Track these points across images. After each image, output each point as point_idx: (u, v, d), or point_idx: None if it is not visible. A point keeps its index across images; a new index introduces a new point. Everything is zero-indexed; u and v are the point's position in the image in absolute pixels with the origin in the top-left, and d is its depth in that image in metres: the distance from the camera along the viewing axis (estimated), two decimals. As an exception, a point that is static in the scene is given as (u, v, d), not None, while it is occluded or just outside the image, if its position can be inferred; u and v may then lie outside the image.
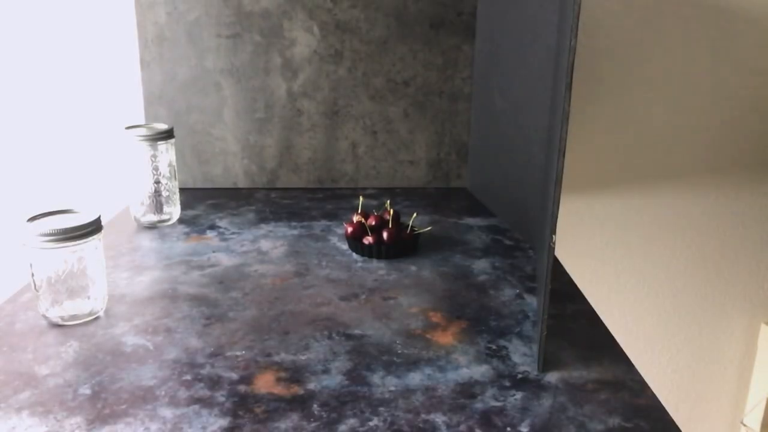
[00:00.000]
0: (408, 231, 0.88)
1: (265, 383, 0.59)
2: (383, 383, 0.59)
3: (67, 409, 0.55)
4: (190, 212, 1.03)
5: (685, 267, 1.28)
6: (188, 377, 0.60)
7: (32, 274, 0.67)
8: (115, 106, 1.15)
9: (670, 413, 0.56)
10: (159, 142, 0.93)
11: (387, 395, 0.57)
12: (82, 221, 0.67)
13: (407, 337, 0.67)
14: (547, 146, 0.76)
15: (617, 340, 0.68)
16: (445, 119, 1.14)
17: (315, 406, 0.56)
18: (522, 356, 0.64)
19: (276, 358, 0.63)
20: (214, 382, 0.59)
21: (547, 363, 0.63)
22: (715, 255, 1.27)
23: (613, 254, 1.26)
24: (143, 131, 0.93)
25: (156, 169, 0.94)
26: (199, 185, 1.16)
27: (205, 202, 1.08)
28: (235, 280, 0.80)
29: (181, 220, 1.00)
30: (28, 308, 0.72)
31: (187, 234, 0.94)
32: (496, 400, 0.57)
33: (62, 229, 0.65)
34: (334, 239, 0.93)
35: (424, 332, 0.68)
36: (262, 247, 0.90)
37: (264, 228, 0.97)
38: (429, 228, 0.96)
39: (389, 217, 0.88)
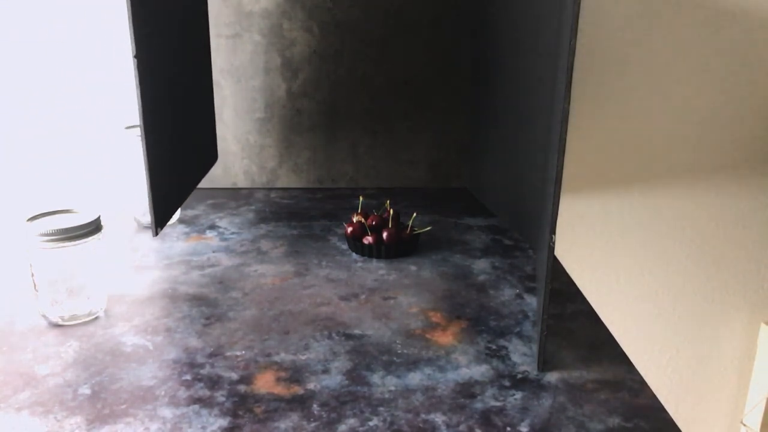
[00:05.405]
0: (408, 231, 0.88)
1: (265, 383, 0.59)
2: (383, 383, 0.59)
3: (67, 409, 0.55)
4: (190, 212, 1.03)
5: (685, 267, 1.28)
6: (188, 377, 0.60)
7: (32, 274, 0.67)
8: (115, 106, 1.15)
9: (670, 413, 0.56)
10: (159, 142, 0.93)
11: (387, 395, 0.57)
12: (82, 221, 0.67)
13: (407, 337, 0.67)
14: (547, 146, 0.76)
15: (617, 340, 0.68)
16: (445, 119, 1.14)
17: (315, 406, 0.56)
18: (522, 356, 0.64)
19: (276, 358, 0.63)
20: (214, 382, 0.59)
21: (547, 363, 0.63)
22: (715, 255, 1.27)
23: (613, 254, 1.26)
24: (143, 131, 0.93)
25: (156, 169, 0.94)
26: (199, 185, 1.16)
27: (205, 202, 1.08)
28: (235, 280, 0.80)
29: (181, 220, 1.00)
30: (28, 308, 0.72)
31: (187, 234, 0.94)
32: (496, 399, 0.57)
33: (62, 229, 0.65)
34: (333, 239, 0.93)
35: (424, 332, 0.68)
36: (261, 247, 0.90)
37: (264, 228, 0.97)
38: (429, 228, 0.96)
39: (389, 217, 0.88)
